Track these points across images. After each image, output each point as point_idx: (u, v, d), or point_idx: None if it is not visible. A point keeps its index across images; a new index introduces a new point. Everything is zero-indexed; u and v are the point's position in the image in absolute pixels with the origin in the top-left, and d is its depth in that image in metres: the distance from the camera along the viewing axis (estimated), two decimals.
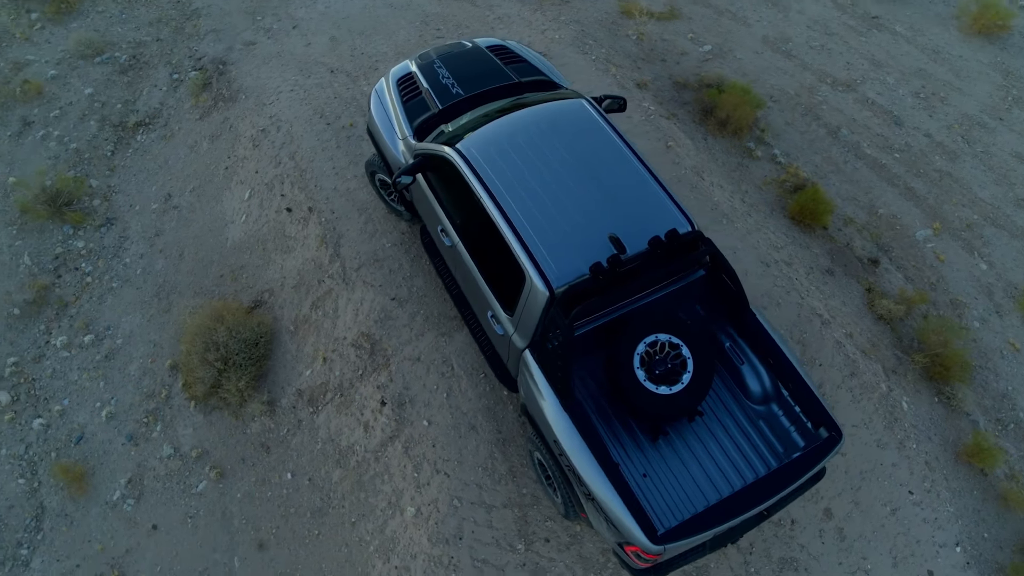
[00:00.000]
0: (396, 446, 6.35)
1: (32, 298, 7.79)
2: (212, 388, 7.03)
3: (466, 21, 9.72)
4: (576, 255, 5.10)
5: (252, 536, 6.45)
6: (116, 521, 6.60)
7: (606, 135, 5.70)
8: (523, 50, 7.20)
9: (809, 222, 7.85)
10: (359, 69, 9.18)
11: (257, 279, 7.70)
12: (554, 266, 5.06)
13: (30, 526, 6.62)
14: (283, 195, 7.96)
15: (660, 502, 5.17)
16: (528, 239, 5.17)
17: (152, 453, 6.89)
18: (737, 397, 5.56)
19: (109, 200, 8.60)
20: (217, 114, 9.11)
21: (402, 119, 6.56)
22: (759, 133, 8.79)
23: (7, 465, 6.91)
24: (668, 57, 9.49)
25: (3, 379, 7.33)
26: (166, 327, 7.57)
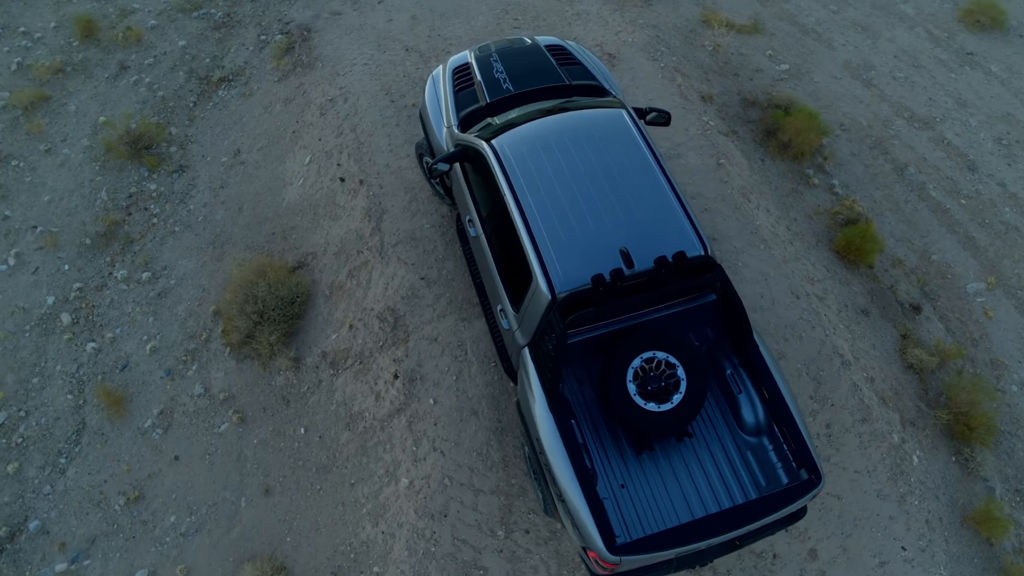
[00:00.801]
0: (401, 419, 6.63)
1: (103, 231, 8.43)
2: (247, 338, 7.48)
3: (545, 14, 9.82)
4: (584, 263, 5.21)
5: (261, 481, 6.87)
6: (144, 447, 7.14)
7: (638, 148, 5.75)
8: (581, 52, 7.28)
9: (854, 258, 7.66)
10: (432, 50, 9.43)
11: (304, 241, 8.10)
12: (560, 271, 5.19)
13: (71, 439, 7.24)
14: (339, 164, 8.32)
15: (632, 513, 5.27)
16: (540, 241, 5.31)
17: (185, 390, 7.40)
18: (730, 424, 5.58)
19: (184, 148, 9.17)
20: (294, 79, 9.55)
21: (451, 108, 6.76)
22: (821, 161, 8.59)
23: (60, 381, 7.55)
24: (741, 72, 9.34)
25: (67, 302, 7.98)
26: (216, 275, 8.06)
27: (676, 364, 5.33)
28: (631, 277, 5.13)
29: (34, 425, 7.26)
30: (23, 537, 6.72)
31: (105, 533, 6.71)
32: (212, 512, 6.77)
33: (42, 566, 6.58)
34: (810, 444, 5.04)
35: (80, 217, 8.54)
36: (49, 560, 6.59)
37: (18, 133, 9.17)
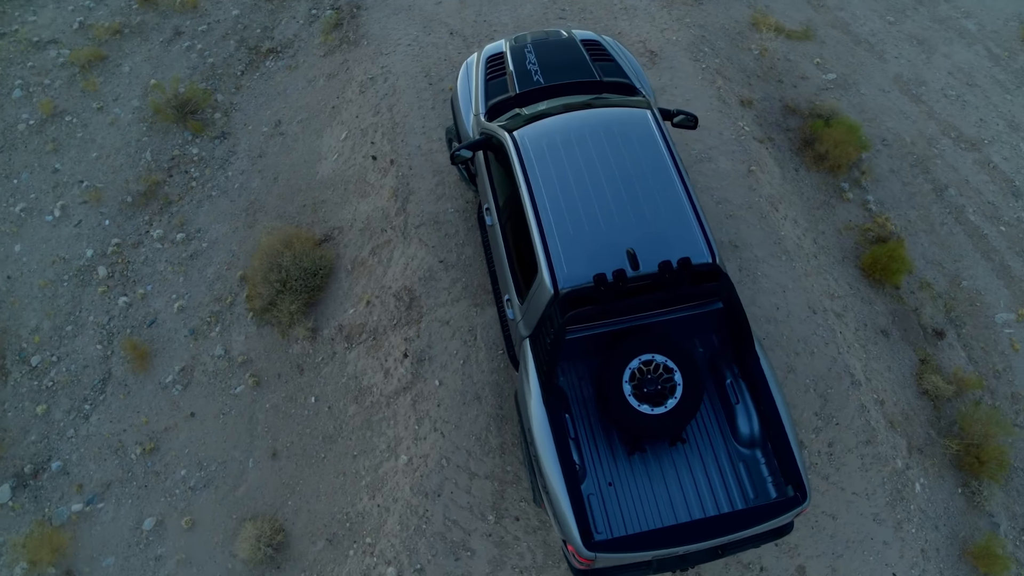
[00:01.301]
0: (407, 397, 6.78)
1: (144, 190, 8.74)
2: (269, 305, 7.71)
3: (592, 6, 9.78)
4: (590, 262, 5.24)
5: (269, 444, 7.11)
6: (163, 401, 7.44)
7: (657, 150, 5.74)
8: (616, 49, 7.25)
9: (880, 277, 7.52)
10: (476, 35, 9.49)
11: (332, 216, 8.28)
12: (566, 267, 5.24)
13: (96, 387, 7.58)
14: (373, 143, 8.46)
15: (617, 512, 5.32)
16: (549, 236, 5.36)
17: (206, 350, 7.67)
18: (725, 434, 5.58)
19: (228, 116, 9.42)
20: (339, 55, 9.71)
21: (480, 96, 6.83)
22: (858, 175, 8.42)
23: (91, 331, 7.89)
24: (785, 79, 9.19)
25: (105, 256, 8.32)
26: (246, 241, 8.31)
27: (674, 369, 5.35)
28: (634, 279, 5.15)
29: (64, 371, 7.61)
30: (45, 476, 7.08)
31: (120, 480, 7.03)
32: (221, 469, 7.03)
33: (60, 504, 6.93)
34: (799, 462, 5.01)
35: (124, 175, 8.87)
36: (67, 500, 6.94)
37: (74, 90, 9.53)
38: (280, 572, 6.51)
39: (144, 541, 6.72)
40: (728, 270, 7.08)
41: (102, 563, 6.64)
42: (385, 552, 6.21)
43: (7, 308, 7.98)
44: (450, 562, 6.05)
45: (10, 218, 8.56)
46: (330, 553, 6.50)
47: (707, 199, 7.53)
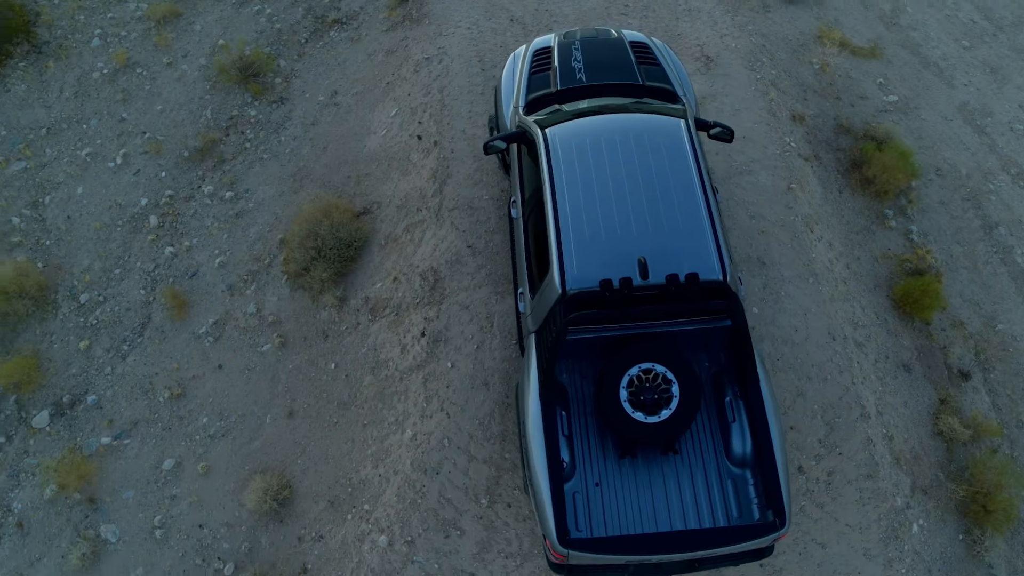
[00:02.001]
0: (419, 375, 6.99)
1: (200, 147, 9.12)
2: (303, 270, 8.00)
3: (655, 4, 9.70)
4: (601, 266, 5.32)
5: (287, 404, 7.43)
6: (195, 350, 7.83)
7: (685, 162, 5.75)
8: (664, 53, 7.23)
9: (910, 311, 7.37)
10: (536, 24, 9.53)
11: (373, 190, 8.51)
12: (576, 269, 5.33)
13: (136, 329, 8.02)
14: (420, 123, 8.64)
15: (599, 512, 5.43)
16: (565, 236, 5.45)
17: (240, 307, 8.03)
18: (718, 450, 5.62)
19: (288, 82, 9.72)
20: (400, 31, 9.89)
21: (522, 89, 6.92)
22: (904, 203, 8.22)
23: (137, 276, 8.33)
24: (844, 97, 8.98)
25: (158, 206, 8.74)
26: (289, 206, 8.61)
27: (673, 380, 5.40)
28: (640, 288, 5.21)
29: (108, 311, 8.08)
30: (80, 407, 7.56)
31: (147, 420, 7.46)
32: (239, 422, 7.39)
33: (91, 436, 7.40)
34: (784, 488, 5.03)
35: (184, 130, 9.26)
36: (97, 432, 7.41)
37: (147, 44, 9.97)
38: (282, 526, 6.84)
39: (162, 480, 7.14)
40: (751, 287, 7.06)
41: (122, 495, 7.08)
42: (380, 520, 6.46)
43: (64, 246, 8.48)
44: (439, 538, 6.27)
45: (76, 161, 9.05)
46: (330, 514, 6.79)
47: (741, 213, 7.48)
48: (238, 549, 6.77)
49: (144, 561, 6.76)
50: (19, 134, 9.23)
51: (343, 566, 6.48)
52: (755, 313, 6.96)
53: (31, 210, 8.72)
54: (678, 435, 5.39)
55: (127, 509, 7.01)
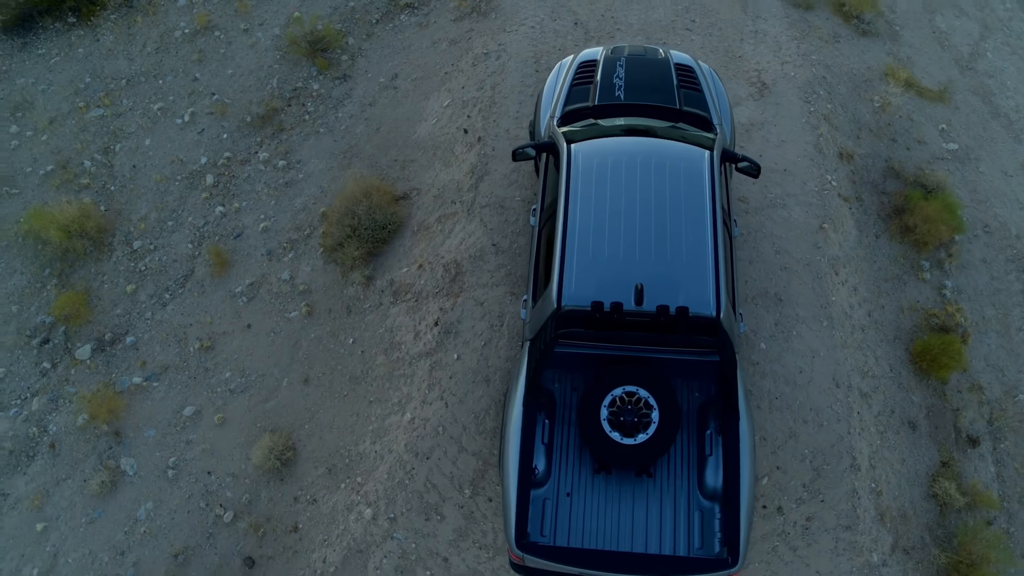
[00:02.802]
0: (427, 362, 7.28)
1: (262, 114, 9.57)
2: (337, 245, 8.37)
3: (723, 23, 9.62)
4: (598, 286, 5.46)
5: (304, 371, 7.84)
6: (228, 308, 8.31)
7: (700, 194, 5.80)
8: (708, 79, 7.22)
9: (927, 368, 7.24)
10: (599, 30, 9.60)
11: (416, 176, 8.80)
12: (574, 286, 5.48)
13: (179, 281, 8.55)
14: (468, 117, 8.86)
15: (565, 522, 5.62)
16: (569, 252, 5.60)
17: (275, 272, 8.46)
18: (691, 479, 5.72)
19: (354, 60, 10.07)
20: (467, 23, 10.09)
21: (561, 99, 7.04)
22: (943, 257, 8.02)
23: (188, 230, 8.86)
24: (900, 139, 8.76)
25: (215, 166, 9.25)
26: (335, 181, 8.98)
27: (654, 407, 5.53)
28: (630, 313, 5.33)
29: (157, 260, 8.63)
30: (119, 346, 8.15)
31: (176, 367, 7.99)
32: (258, 381, 7.84)
33: (124, 374, 7.98)
34: (743, 528, 5.12)
35: (250, 96, 9.73)
36: (131, 372, 7.98)
37: (228, 8, 10.46)
38: (282, 484, 7.27)
39: (181, 424, 7.66)
40: (763, 322, 7.06)
41: (144, 433, 7.64)
42: (369, 494, 6.81)
43: (127, 193, 9.08)
44: (420, 520, 6.58)
45: (148, 114, 9.63)
46: (326, 480, 7.18)
47: (767, 246, 7.46)
48: (239, 499, 7.23)
49: (155, 497, 7.30)
50: (101, 83, 9.86)
51: (330, 531, 6.87)
52: (762, 349, 6.98)
53: (102, 155, 9.34)
54: (652, 460, 5.52)
55: (146, 447, 7.56)
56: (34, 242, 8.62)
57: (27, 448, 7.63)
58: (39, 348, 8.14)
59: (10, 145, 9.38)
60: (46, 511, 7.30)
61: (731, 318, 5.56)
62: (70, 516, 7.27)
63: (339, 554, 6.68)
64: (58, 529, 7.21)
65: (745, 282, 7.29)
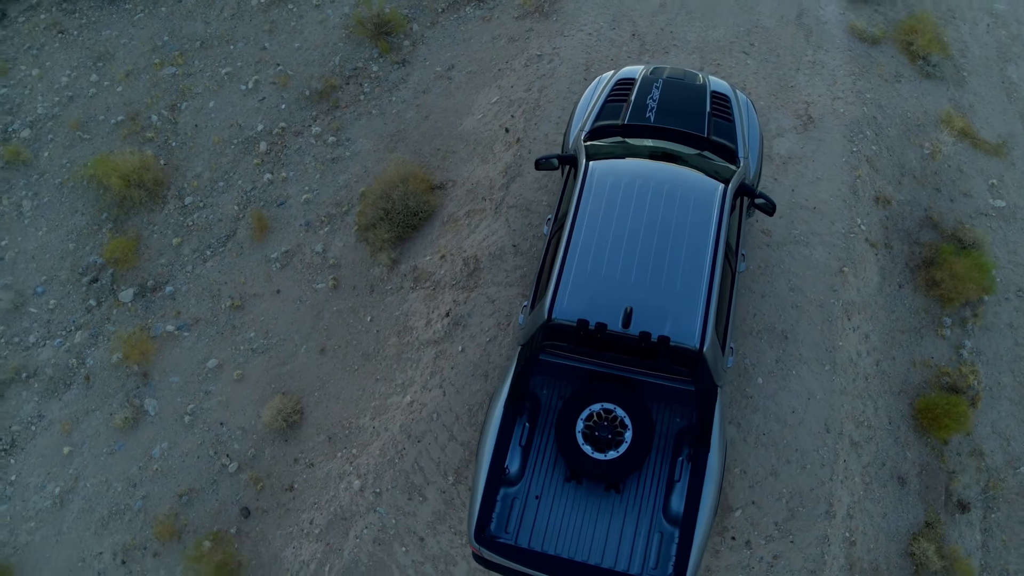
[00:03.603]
0: (432, 350, 7.59)
1: (321, 89, 9.98)
2: (370, 225, 8.73)
3: (781, 49, 9.54)
4: (590, 304, 5.63)
5: (322, 341, 8.25)
6: (262, 272, 8.78)
7: (706, 228, 5.89)
8: (743, 110, 7.24)
9: (928, 426, 7.17)
10: (656, 44, 9.64)
11: (454, 168, 9.07)
12: (567, 301, 5.67)
13: (221, 240, 9.07)
14: (512, 116, 9.06)
15: (530, 523, 5.85)
16: (568, 267, 5.79)
17: (310, 243, 8.88)
18: (657, 502, 5.87)
19: (415, 47, 10.37)
20: (528, 22, 10.26)
21: (593, 114, 7.18)
22: (968, 315, 7.86)
23: (236, 193, 9.36)
24: (945, 189, 8.58)
25: (270, 134, 9.71)
26: (380, 163, 9.33)
27: (628, 427, 5.70)
28: (613, 335, 5.49)
29: (204, 217, 9.16)
30: (159, 294, 8.71)
31: (206, 320, 8.51)
32: (279, 345, 8.29)
33: (159, 321, 8.54)
34: (693, 559, 5.26)
35: (312, 71, 10.15)
36: (165, 319, 8.54)
37: None
38: (286, 444, 7.72)
39: (203, 375, 8.18)
40: (765, 357, 7.11)
41: (169, 378, 8.19)
42: (360, 467, 7.19)
43: (185, 151, 9.63)
44: (403, 498, 6.92)
45: (216, 77, 10.16)
46: (325, 448, 7.59)
47: (782, 283, 7.47)
48: (245, 452, 7.71)
49: (170, 439, 7.84)
50: (177, 42, 10.43)
51: (320, 495, 7.28)
52: (759, 383, 7.03)
53: (168, 112, 9.91)
54: (620, 477, 5.69)
55: (169, 391, 8.11)
56: (96, 187, 9.25)
57: (65, 377, 8.28)
58: (88, 286, 8.78)
59: (88, 92, 10.04)
60: (73, 437, 7.93)
61: (716, 352, 5.67)
62: (94, 445, 7.88)
63: (325, 518, 7.08)
64: (82, 455, 7.83)
65: (753, 315, 7.33)
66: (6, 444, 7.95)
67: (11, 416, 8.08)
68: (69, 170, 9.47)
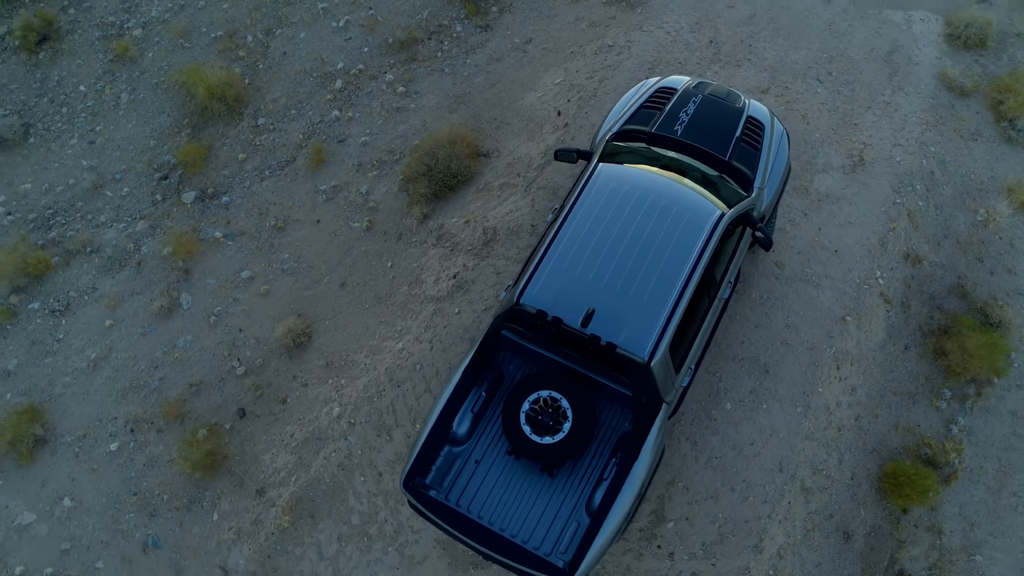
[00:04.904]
0: (432, 306, 8.07)
1: (403, 39, 10.43)
2: (412, 178, 9.20)
3: (859, 83, 9.26)
4: (556, 297, 5.92)
5: (344, 275, 8.86)
6: (308, 199, 9.43)
7: (690, 248, 6.02)
8: (774, 140, 7.19)
9: (890, 491, 7.12)
10: (730, 55, 9.55)
11: (504, 140, 9.39)
12: (537, 289, 5.99)
13: (281, 164, 9.75)
14: (568, 100, 9.27)
15: (464, 483, 6.29)
16: (548, 258, 6.09)
17: (357, 183, 9.46)
18: (583, 495, 6.19)
19: (501, 14, 10.64)
20: (614, 9, 10.33)
21: (625, 116, 7.32)
22: (970, 393, 7.65)
23: (304, 122, 10.01)
24: (988, 261, 8.25)
25: (347, 74, 10.28)
26: (439, 120, 9.75)
27: (568, 418, 6.01)
28: (568, 331, 5.78)
29: (271, 140, 9.88)
30: (215, 202, 9.53)
31: (250, 235, 9.26)
32: (306, 271, 8.96)
33: (210, 226, 9.36)
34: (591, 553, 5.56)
35: (400, 21, 10.60)
36: (216, 226, 9.35)
37: None
38: (290, 361, 8.42)
39: (235, 283, 8.96)
40: (741, 386, 7.21)
41: (206, 279, 9.02)
42: (342, 397, 7.81)
43: (270, 75, 10.33)
44: (372, 434, 7.51)
45: (312, 10, 10.77)
46: (321, 372, 8.25)
47: (778, 317, 7.49)
48: (253, 360, 8.47)
49: (194, 333, 8.69)
50: None
51: (306, 414, 7.96)
52: (726, 408, 7.16)
53: (263, 36, 10.62)
54: (555, 464, 6.04)
55: (204, 291, 8.95)
56: (185, 93, 10.10)
57: (121, 258, 9.24)
58: (158, 182, 9.69)
59: (198, 4, 10.86)
60: (116, 313, 8.90)
61: (667, 368, 5.86)
62: (131, 324, 8.83)
63: (303, 435, 7.77)
64: (119, 330, 8.79)
65: (741, 343, 7.41)
66: (62, 306, 9.01)
67: (70, 283, 9.12)
68: (166, 73, 10.36)
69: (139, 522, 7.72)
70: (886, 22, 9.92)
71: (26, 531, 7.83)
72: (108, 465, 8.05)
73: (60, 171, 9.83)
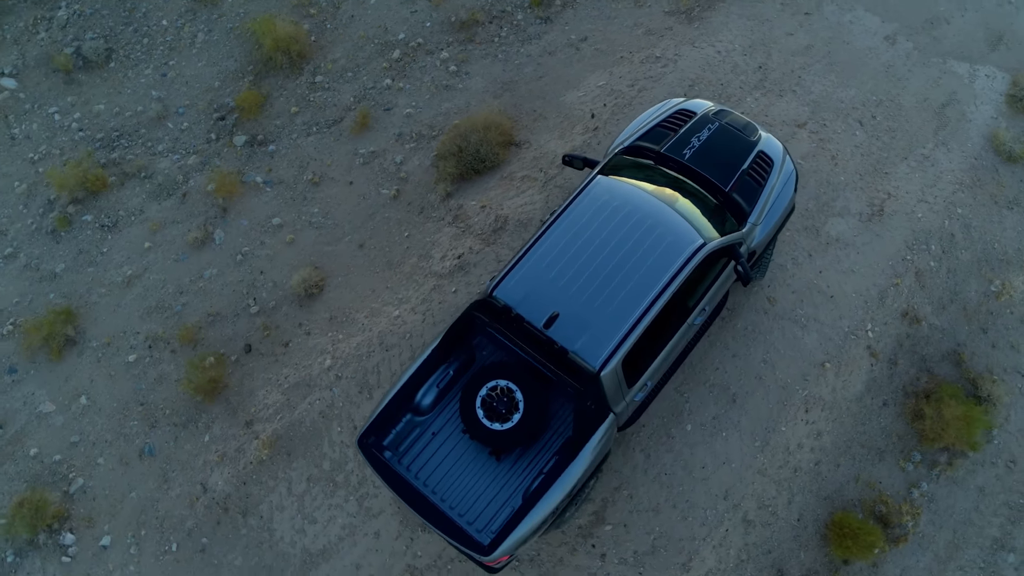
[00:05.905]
0: (433, 282, 8.50)
1: (464, 20, 10.75)
2: (444, 156, 9.59)
3: (901, 131, 9.12)
4: (527, 296, 6.26)
5: (364, 237, 9.35)
6: (346, 161, 9.94)
7: (663, 271, 6.23)
8: (781, 178, 7.24)
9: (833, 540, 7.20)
10: (774, 83, 9.53)
11: (537, 133, 9.66)
12: (511, 285, 6.33)
13: (328, 123, 10.27)
14: (604, 104, 9.45)
15: (418, 452, 6.73)
16: (528, 257, 6.41)
17: (393, 152, 9.90)
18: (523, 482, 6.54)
19: (563, 9, 10.82)
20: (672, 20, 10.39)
21: (640, 132, 7.50)
22: (940, 460, 7.60)
23: (357, 86, 10.48)
24: (992, 333, 8.11)
25: (406, 46, 10.68)
26: (482, 104, 10.08)
27: (519, 409, 6.37)
28: (525, 330, 6.11)
29: (323, 98, 10.41)
30: (262, 149, 10.14)
31: (287, 184, 9.84)
32: (331, 227, 9.50)
33: (253, 171, 9.98)
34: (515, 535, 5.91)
35: (466, 2, 10.92)
36: (258, 171, 9.96)
37: None
38: (299, 309, 9.00)
39: (265, 228, 9.57)
40: (706, 411, 7.40)
41: (240, 220, 9.66)
42: (336, 351, 8.35)
43: (335, 35, 10.84)
44: (355, 390, 8.04)
45: None
46: (324, 325, 8.80)
47: (757, 351, 7.61)
48: (267, 302, 9.08)
49: (220, 267, 9.35)
50: None
51: (302, 360, 8.54)
52: (686, 429, 7.37)
53: None
54: (502, 451, 6.42)
55: (236, 230, 9.59)
56: (254, 42, 10.71)
57: (170, 188, 9.97)
58: (215, 122, 10.36)
59: None
60: (156, 237, 9.64)
61: (618, 381, 6.13)
62: (167, 250, 9.56)
63: (295, 379, 8.36)
64: (155, 253, 9.54)
65: (715, 369, 7.58)
66: (111, 223, 9.81)
67: (122, 203, 9.91)
68: (241, 20, 10.98)
69: (140, 430, 8.47)
70: (948, 73, 9.69)
71: (45, 419, 8.69)
72: (124, 374, 8.82)
73: (132, 97, 10.60)
